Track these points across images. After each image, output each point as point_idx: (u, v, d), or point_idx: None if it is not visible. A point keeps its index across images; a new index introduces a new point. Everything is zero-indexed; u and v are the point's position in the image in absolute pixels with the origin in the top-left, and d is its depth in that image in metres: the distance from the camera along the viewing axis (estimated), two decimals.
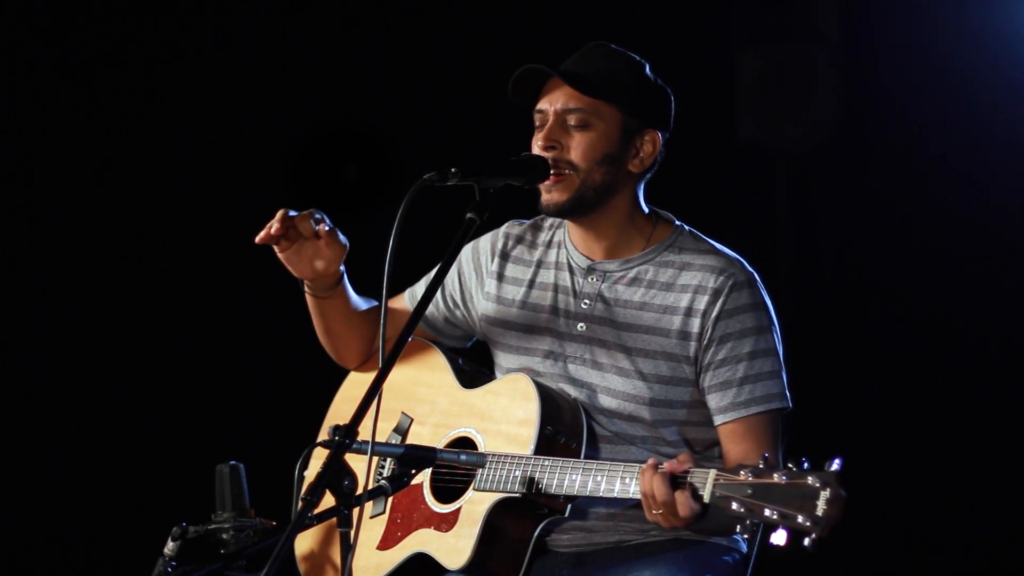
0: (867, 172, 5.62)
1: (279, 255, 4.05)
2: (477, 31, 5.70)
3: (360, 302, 4.21)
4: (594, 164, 3.88)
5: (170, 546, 3.90)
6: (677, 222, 4.02)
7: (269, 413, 5.66)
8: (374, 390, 3.44)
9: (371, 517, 4.02)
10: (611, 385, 3.90)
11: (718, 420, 3.86)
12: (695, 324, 3.87)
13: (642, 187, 3.99)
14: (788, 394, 3.89)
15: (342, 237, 4.05)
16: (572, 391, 3.93)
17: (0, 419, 5.77)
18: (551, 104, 3.91)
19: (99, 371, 5.79)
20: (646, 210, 4.00)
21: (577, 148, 3.88)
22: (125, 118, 5.80)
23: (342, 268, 4.10)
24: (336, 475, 3.38)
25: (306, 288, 4.14)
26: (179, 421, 5.78)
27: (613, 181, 3.91)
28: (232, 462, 3.99)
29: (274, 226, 3.99)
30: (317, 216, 4.02)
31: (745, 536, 3.39)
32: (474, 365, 4.17)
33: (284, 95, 5.80)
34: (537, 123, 3.94)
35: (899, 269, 5.60)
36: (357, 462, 3.46)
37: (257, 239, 4.01)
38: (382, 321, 3.60)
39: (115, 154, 5.80)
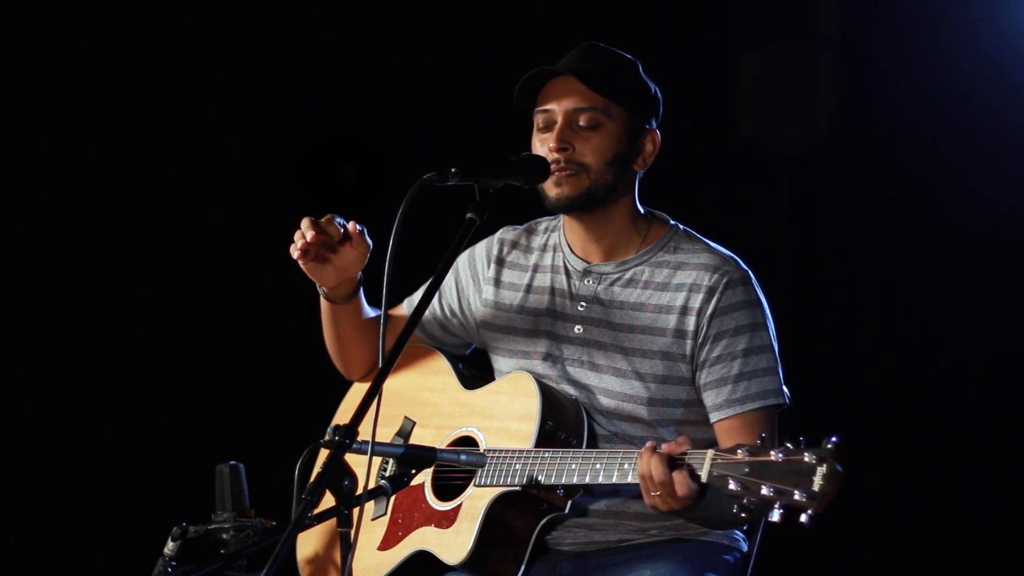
0: (867, 172, 5.62)
1: (303, 266, 4.03)
2: (477, 31, 5.71)
3: (372, 313, 4.21)
4: (605, 165, 3.88)
5: (170, 546, 3.90)
6: (671, 221, 4.02)
7: (269, 413, 5.66)
8: (374, 390, 3.44)
9: (372, 519, 4.02)
10: (608, 386, 3.91)
11: (714, 417, 3.86)
12: (690, 322, 3.87)
13: (637, 187, 3.99)
14: (785, 391, 3.89)
15: (367, 237, 4.03)
16: (571, 392, 3.94)
17: (0, 419, 5.77)
18: (559, 104, 3.90)
19: (99, 371, 5.79)
20: (641, 210, 4.00)
21: (590, 150, 3.87)
22: (125, 118, 5.80)
23: (360, 274, 4.09)
24: (336, 475, 3.38)
25: (324, 294, 4.13)
26: (179, 421, 5.78)
27: (620, 182, 3.91)
28: (232, 462, 3.98)
29: (308, 234, 3.96)
30: (339, 220, 4.00)
31: (744, 515, 3.37)
32: (475, 370, 4.18)
33: (284, 95, 5.80)
34: (541, 124, 3.92)
35: (899, 268, 5.60)
36: (360, 467, 3.47)
37: (295, 255, 3.98)
38: (382, 323, 3.60)
39: (116, 154, 5.80)
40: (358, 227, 3.99)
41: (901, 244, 5.59)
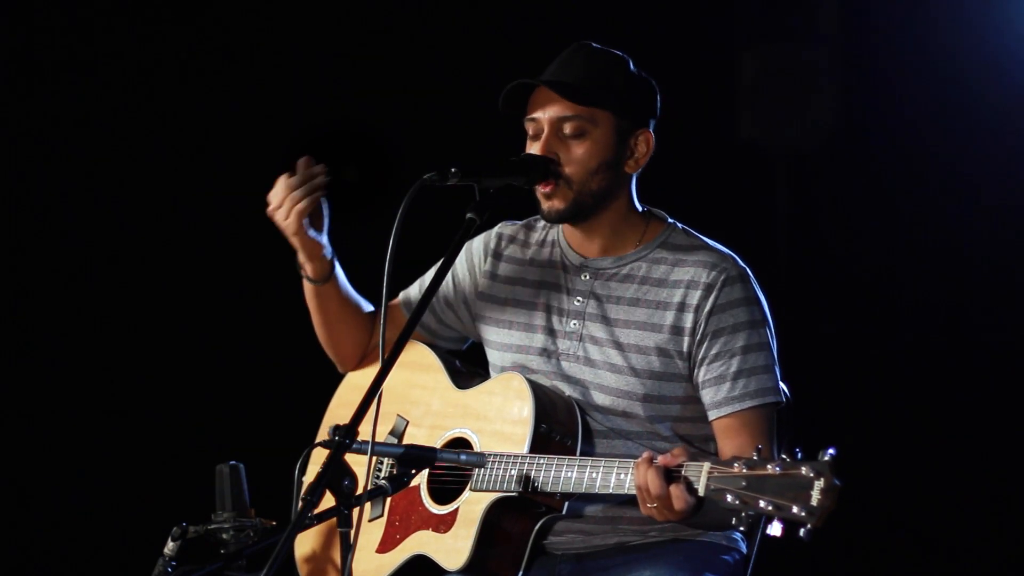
0: (867, 172, 5.62)
1: (303, 239, 4.01)
2: (477, 31, 5.71)
3: (356, 295, 4.21)
4: (589, 175, 3.88)
5: (170, 546, 3.90)
6: (670, 219, 4.02)
7: (269, 413, 5.65)
8: (374, 390, 3.44)
9: (369, 520, 4.01)
10: (604, 382, 3.91)
11: (712, 415, 3.86)
12: (688, 319, 3.88)
13: (634, 184, 4.00)
14: (782, 388, 3.89)
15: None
16: (566, 388, 3.94)
17: (0, 419, 5.77)
18: (544, 113, 3.90)
19: (99, 371, 5.79)
20: (639, 208, 4.01)
21: (574, 160, 3.88)
22: (124, 118, 5.79)
23: (331, 251, 4.08)
24: (336, 475, 3.38)
25: (308, 275, 4.12)
26: (179, 421, 5.78)
27: (610, 186, 3.91)
28: (232, 462, 3.99)
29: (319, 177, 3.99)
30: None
31: (742, 528, 3.38)
32: (469, 366, 4.18)
33: (284, 95, 5.80)
34: (531, 132, 3.92)
35: (899, 269, 5.60)
36: (357, 466, 3.46)
37: (290, 216, 3.99)
38: (382, 323, 3.60)
39: (115, 154, 5.80)
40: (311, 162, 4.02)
41: (901, 244, 5.59)
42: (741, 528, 3.37)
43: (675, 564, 3.87)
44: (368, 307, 4.25)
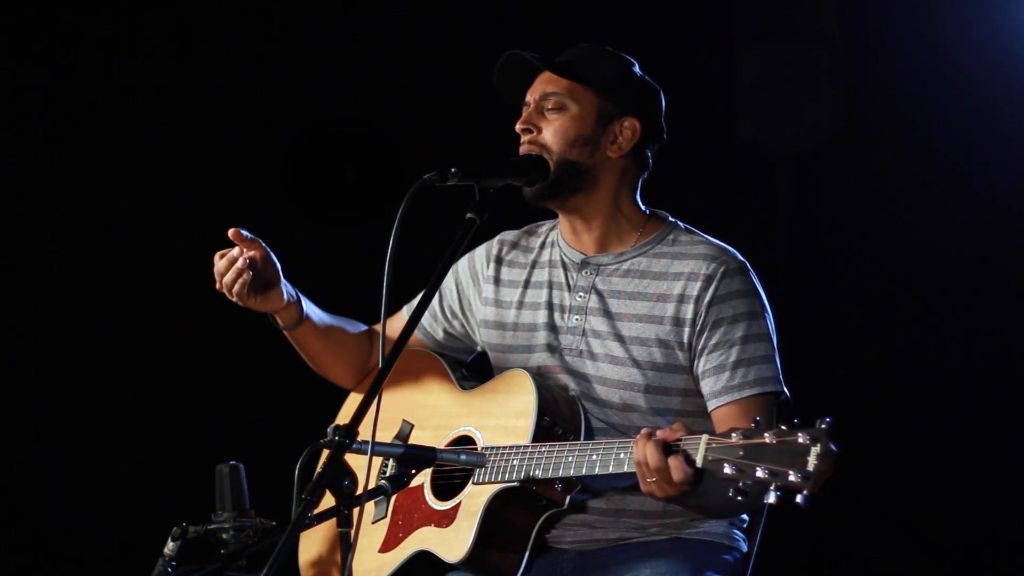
0: (867, 172, 5.63)
1: (255, 303, 4.04)
2: (477, 31, 5.71)
3: (337, 321, 4.22)
4: (567, 145, 3.92)
5: (170, 546, 3.90)
6: (671, 218, 4.04)
7: (269, 413, 5.66)
8: (374, 390, 3.44)
9: (373, 522, 4.02)
10: (605, 375, 3.93)
11: (712, 404, 3.88)
12: (688, 310, 3.90)
13: (639, 185, 4.02)
14: (781, 379, 3.90)
15: (244, 232, 4.02)
16: (571, 383, 3.96)
17: (0, 419, 5.77)
18: (532, 94, 3.97)
19: (99, 371, 5.79)
20: (642, 207, 4.03)
21: (550, 130, 3.93)
22: (124, 118, 5.80)
23: (296, 294, 4.09)
24: (336, 475, 3.38)
25: (281, 327, 4.15)
26: (179, 421, 5.78)
27: (590, 165, 3.94)
28: (232, 462, 3.99)
29: (247, 253, 3.99)
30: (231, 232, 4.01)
31: (740, 499, 3.37)
32: (475, 372, 4.19)
33: (284, 95, 5.80)
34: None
35: (898, 268, 5.60)
36: (360, 469, 3.46)
37: (237, 290, 3.99)
38: (382, 325, 3.60)
39: (115, 154, 5.80)
40: (241, 232, 4.02)
41: (901, 244, 5.60)
42: (739, 499, 3.37)
43: (676, 562, 3.88)
44: (357, 327, 4.27)
